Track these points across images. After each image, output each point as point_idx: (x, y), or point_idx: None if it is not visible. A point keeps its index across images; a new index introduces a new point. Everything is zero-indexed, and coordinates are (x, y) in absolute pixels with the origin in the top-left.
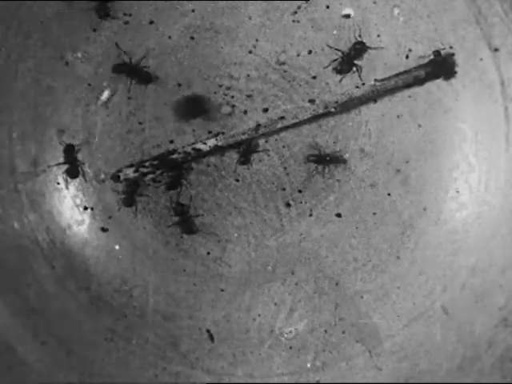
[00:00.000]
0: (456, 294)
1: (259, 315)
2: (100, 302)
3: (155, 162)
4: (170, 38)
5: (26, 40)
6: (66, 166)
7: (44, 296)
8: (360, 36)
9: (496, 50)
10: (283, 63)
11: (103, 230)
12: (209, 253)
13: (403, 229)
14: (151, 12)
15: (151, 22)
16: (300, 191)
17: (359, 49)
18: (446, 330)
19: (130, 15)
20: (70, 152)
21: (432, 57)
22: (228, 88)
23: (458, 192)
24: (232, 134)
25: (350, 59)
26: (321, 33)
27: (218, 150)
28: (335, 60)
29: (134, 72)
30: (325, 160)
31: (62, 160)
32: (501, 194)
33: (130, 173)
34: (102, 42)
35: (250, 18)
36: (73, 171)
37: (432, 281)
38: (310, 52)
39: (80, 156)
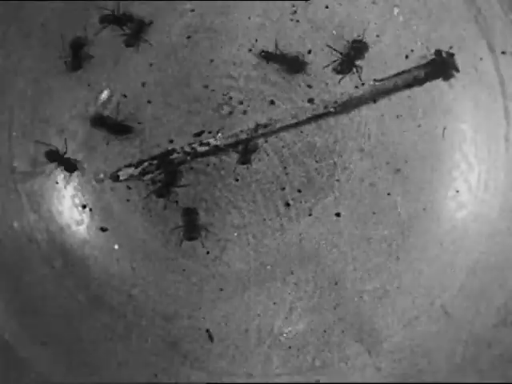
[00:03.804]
0: (455, 294)
1: (259, 315)
2: (99, 301)
3: (154, 162)
4: (169, 37)
5: (26, 40)
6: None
7: (44, 296)
8: (359, 35)
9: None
10: None
11: (102, 229)
12: (208, 252)
13: (403, 229)
14: (151, 12)
15: (151, 22)
16: (299, 191)
17: (358, 47)
18: (445, 330)
19: (130, 15)
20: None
21: (432, 57)
22: (227, 88)
23: (457, 192)
24: (231, 134)
25: (350, 59)
26: (320, 33)
27: (217, 150)
28: (335, 61)
29: (118, 21)
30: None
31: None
32: (500, 193)
33: (130, 172)
34: (101, 42)
35: (249, 18)
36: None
37: (431, 281)
38: (309, 52)
39: (80, 156)
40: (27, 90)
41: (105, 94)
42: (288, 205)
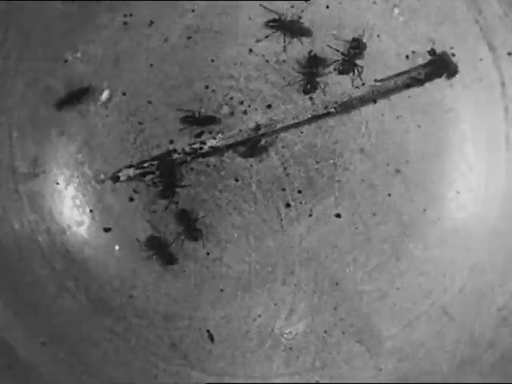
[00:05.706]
0: (456, 294)
1: (259, 315)
2: (100, 302)
3: (155, 163)
4: (169, 38)
5: (26, 40)
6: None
7: (44, 296)
8: (360, 35)
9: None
10: (283, 63)
11: (103, 230)
12: (208, 253)
13: (403, 229)
14: (151, 12)
15: (151, 22)
16: (300, 191)
17: (356, 46)
18: (445, 330)
19: (131, 15)
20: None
21: (429, 56)
22: (228, 88)
23: (458, 192)
24: (232, 135)
25: (351, 59)
26: (321, 33)
27: (217, 151)
28: (336, 61)
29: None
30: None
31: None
32: (501, 193)
33: (130, 173)
34: (101, 42)
35: (250, 18)
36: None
37: (432, 281)
38: (310, 52)
39: (80, 156)
40: (27, 90)
41: (105, 94)
42: (288, 205)
